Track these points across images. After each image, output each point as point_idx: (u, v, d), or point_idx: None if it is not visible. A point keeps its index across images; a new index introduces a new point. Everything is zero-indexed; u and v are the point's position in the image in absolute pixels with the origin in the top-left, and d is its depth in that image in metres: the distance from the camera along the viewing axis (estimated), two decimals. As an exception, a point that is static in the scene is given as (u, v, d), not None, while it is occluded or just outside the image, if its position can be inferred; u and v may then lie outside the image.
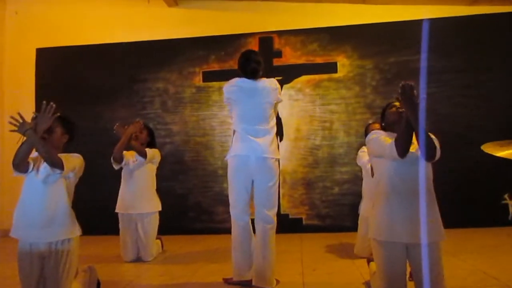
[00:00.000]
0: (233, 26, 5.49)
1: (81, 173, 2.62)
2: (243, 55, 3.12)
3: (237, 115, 2.98)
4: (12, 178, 2.53)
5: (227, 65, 5.41)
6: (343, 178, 5.15)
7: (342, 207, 5.12)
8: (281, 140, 5.29)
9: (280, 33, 5.41)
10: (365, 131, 3.88)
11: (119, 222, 3.96)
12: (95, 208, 4.88)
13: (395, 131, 2.36)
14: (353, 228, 4.02)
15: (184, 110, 5.54)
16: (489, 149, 1.71)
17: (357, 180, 4.05)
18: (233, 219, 2.98)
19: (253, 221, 2.96)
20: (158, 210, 4.06)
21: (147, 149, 4.00)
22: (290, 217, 5.21)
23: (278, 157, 2.99)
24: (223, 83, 3.24)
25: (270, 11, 5.49)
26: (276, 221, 2.95)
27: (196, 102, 5.51)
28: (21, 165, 2.39)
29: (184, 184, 5.43)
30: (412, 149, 2.22)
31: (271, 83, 3.07)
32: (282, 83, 5.31)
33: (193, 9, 5.69)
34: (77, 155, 2.59)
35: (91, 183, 3.81)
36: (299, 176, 5.27)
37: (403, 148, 2.19)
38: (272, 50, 5.39)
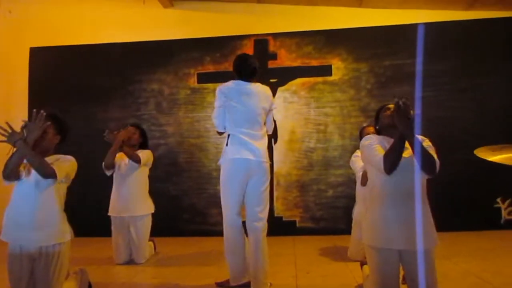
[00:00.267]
0: (229, 28, 5.47)
1: (73, 175, 2.60)
2: (240, 58, 3.12)
3: (233, 118, 2.95)
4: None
5: (222, 67, 5.40)
6: (337, 181, 5.15)
7: (336, 210, 5.12)
8: (276, 142, 5.28)
9: (275, 35, 5.41)
10: (360, 134, 3.88)
11: (112, 224, 3.94)
12: (87, 209, 4.85)
13: (390, 135, 2.36)
14: (347, 231, 4.02)
15: (178, 111, 5.52)
16: (482, 153, 1.71)
17: (351, 183, 4.06)
18: (228, 222, 2.94)
19: (243, 223, 2.96)
20: (151, 212, 4.04)
21: (140, 152, 3.98)
22: (283, 219, 5.20)
23: (269, 161, 3.05)
24: (218, 85, 3.23)
25: (265, 14, 5.49)
26: (267, 223, 3.00)
27: (190, 103, 5.49)
28: (11, 175, 2.37)
29: (178, 185, 5.40)
30: (405, 155, 2.21)
31: (266, 89, 3.08)
32: (277, 85, 5.32)
33: (189, 11, 5.67)
34: (69, 158, 2.56)
35: (84, 184, 3.77)
36: (293, 178, 5.27)
37: (391, 165, 2.19)
38: (267, 52, 5.39)
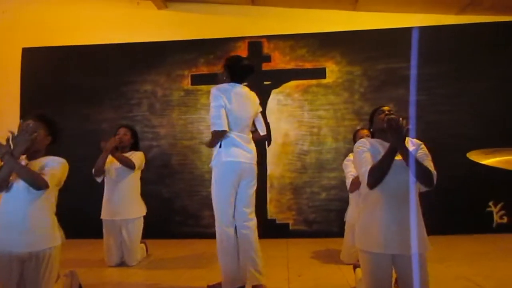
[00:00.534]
0: (223, 29, 5.46)
1: (64, 178, 2.57)
2: (234, 59, 3.12)
3: (228, 120, 2.91)
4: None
5: (216, 69, 5.36)
6: (330, 183, 5.15)
7: (329, 213, 5.12)
8: (269, 145, 5.27)
9: (269, 37, 5.40)
10: (353, 138, 3.88)
11: (103, 227, 3.91)
12: (79, 211, 4.80)
13: (384, 138, 2.35)
14: (340, 233, 4.01)
15: (171, 113, 5.49)
16: (475, 157, 1.71)
17: (344, 186, 4.02)
18: (223, 226, 2.91)
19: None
20: (142, 215, 4.02)
21: (133, 154, 3.95)
22: (277, 222, 5.19)
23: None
24: (212, 87, 3.21)
25: (259, 16, 5.48)
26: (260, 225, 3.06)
27: (184, 105, 5.47)
28: (0, 188, 2.35)
29: (170, 188, 5.37)
30: (398, 157, 2.21)
31: (253, 93, 3.11)
32: (270, 87, 5.32)
33: (183, 12, 5.66)
34: (60, 161, 2.52)
35: (76, 186, 3.72)
36: (287, 181, 5.26)
37: (374, 181, 2.19)
38: (261, 54, 5.38)
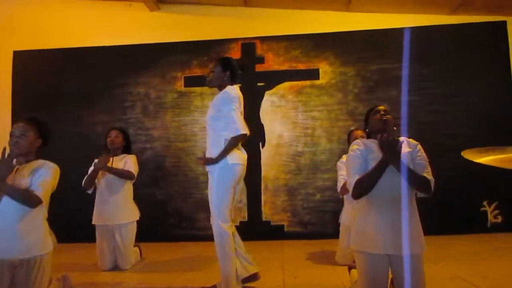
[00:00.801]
0: (216, 31, 5.44)
1: (56, 182, 2.52)
2: (235, 60, 3.16)
3: None
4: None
5: (209, 71, 5.35)
6: (325, 184, 5.14)
7: (324, 214, 5.11)
8: (263, 146, 5.25)
9: (262, 39, 5.39)
10: (348, 138, 3.87)
11: (96, 231, 3.86)
12: (71, 215, 4.76)
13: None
14: (335, 235, 4.00)
15: (165, 115, 5.46)
16: (469, 155, 1.70)
17: (339, 187, 4.05)
18: (226, 226, 2.86)
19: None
20: (136, 219, 3.97)
21: (126, 159, 3.92)
22: (271, 224, 5.17)
23: None
24: (205, 89, 3.22)
25: (252, 17, 5.47)
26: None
27: (177, 107, 5.44)
28: None
29: (164, 190, 5.34)
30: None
31: None
32: (264, 89, 5.31)
33: (175, 14, 5.63)
34: (51, 166, 2.48)
35: (68, 189, 3.69)
36: (281, 182, 5.24)
37: (359, 193, 2.20)
38: (254, 56, 5.37)
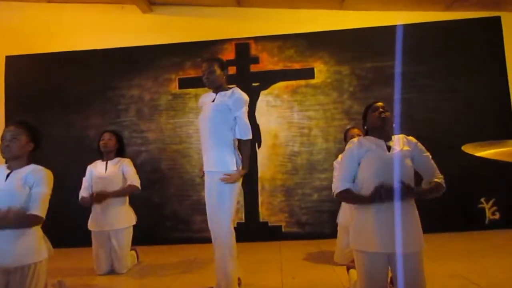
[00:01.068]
0: (209, 32, 5.41)
1: (51, 188, 2.50)
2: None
3: None
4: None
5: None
6: (322, 184, 5.11)
7: (321, 214, 5.08)
8: (259, 147, 5.23)
9: (256, 39, 5.36)
10: (344, 137, 3.85)
11: (92, 236, 3.81)
12: (67, 220, 4.70)
13: (378, 135, 2.32)
14: (333, 235, 3.98)
15: (160, 117, 5.42)
16: (470, 149, 1.68)
17: (336, 186, 4.03)
18: (232, 229, 2.85)
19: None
20: (132, 224, 3.92)
21: (122, 163, 3.90)
22: (269, 224, 5.14)
23: None
24: (199, 90, 3.21)
25: (246, 17, 5.44)
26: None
27: (172, 109, 5.40)
28: None
29: (160, 193, 5.29)
30: (395, 151, 2.19)
31: None
32: (259, 89, 5.28)
33: (168, 16, 5.60)
34: (44, 173, 2.46)
35: (62, 194, 3.65)
36: (278, 183, 5.21)
37: (342, 200, 2.29)
38: (249, 56, 5.34)
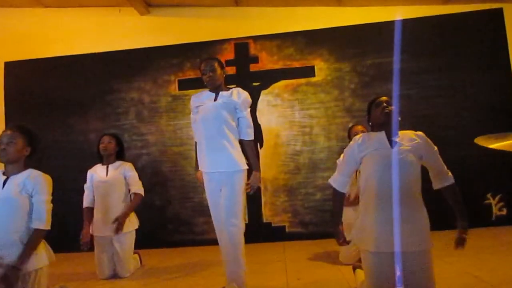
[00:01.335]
0: (208, 32, 5.37)
1: (51, 194, 2.46)
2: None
3: None
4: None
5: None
6: (325, 183, 5.05)
7: (325, 213, 5.02)
8: (261, 147, 5.17)
9: (255, 38, 5.31)
10: (348, 134, 3.80)
11: (94, 241, 3.77)
12: (68, 224, 4.65)
13: (385, 130, 2.26)
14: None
15: (160, 119, 5.38)
16: (482, 142, 1.63)
17: (339, 185, 3.97)
18: (244, 228, 2.86)
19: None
20: (135, 228, 3.88)
21: (123, 168, 3.87)
22: (272, 225, 5.08)
23: None
24: (199, 91, 3.16)
25: (244, 17, 5.39)
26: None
27: (172, 111, 5.36)
28: None
29: (162, 195, 5.25)
30: (401, 146, 2.14)
31: None
32: (259, 88, 5.23)
33: (166, 17, 5.56)
34: (43, 179, 2.42)
35: (63, 198, 3.63)
36: (281, 183, 5.16)
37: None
38: (248, 55, 5.29)
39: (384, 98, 2.31)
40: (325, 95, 5.17)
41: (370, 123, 2.40)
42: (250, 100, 3.02)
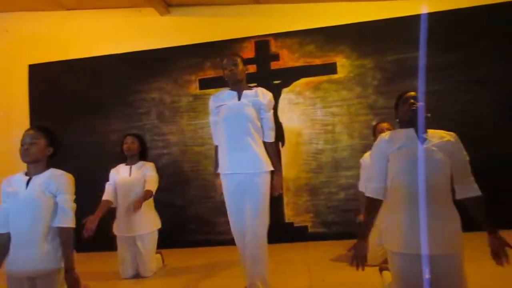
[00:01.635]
0: (228, 31, 5.34)
1: (74, 193, 2.46)
2: None
3: None
4: None
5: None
6: (348, 182, 4.96)
7: (348, 213, 4.92)
8: (283, 145, 5.11)
9: (276, 35, 5.25)
10: (373, 132, 3.71)
11: (117, 240, 3.79)
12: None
13: (410, 127, 2.18)
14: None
15: (181, 119, 5.38)
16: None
17: (363, 184, 3.87)
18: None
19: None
20: (157, 228, 3.88)
21: (145, 168, 3.85)
22: (294, 225, 5.02)
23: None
24: (220, 90, 3.11)
25: (264, 14, 5.34)
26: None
27: (193, 110, 5.35)
28: None
29: (183, 195, 5.24)
30: (430, 144, 2.05)
31: None
32: (280, 87, 5.17)
33: (186, 16, 5.56)
34: (66, 178, 2.43)
35: (86, 198, 3.62)
36: (303, 182, 5.08)
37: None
38: (269, 53, 5.23)
39: (411, 93, 2.22)
40: (347, 92, 5.07)
41: (397, 120, 2.31)
42: (272, 99, 2.97)
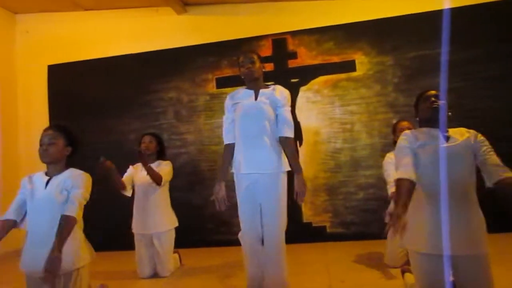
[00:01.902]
0: (245, 29, 5.30)
1: (90, 190, 2.45)
2: None
3: None
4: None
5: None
6: (367, 182, 4.88)
7: (367, 213, 4.84)
8: (301, 144, 5.06)
9: (293, 33, 5.19)
10: (393, 131, 3.63)
11: (135, 239, 3.80)
12: (109, 223, 4.74)
13: (431, 126, 2.11)
14: (380, 235, 3.75)
15: (198, 118, 5.37)
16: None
17: (382, 183, 3.77)
18: None
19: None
20: (174, 226, 3.88)
21: (161, 166, 3.83)
22: (313, 225, 4.96)
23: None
24: (237, 89, 3.06)
25: (281, 12, 5.28)
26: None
27: (210, 109, 5.33)
28: None
29: (201, 194, 5.22)
30: (453, 142, 1.98)
31: None
32: (298, 85, 5.11)
33: (203, 15, 5.54)
34: (83, 178, 2.41)
35: (105, 198, 3.65)
36: (321, 181, 5.02)
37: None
38: (286, 51, 5.18)
39: (432, 92, 2.16)
40: (366, 90, 4.98)
41: (417, 118, 2.25)
42: (288, 95, 2.88)
